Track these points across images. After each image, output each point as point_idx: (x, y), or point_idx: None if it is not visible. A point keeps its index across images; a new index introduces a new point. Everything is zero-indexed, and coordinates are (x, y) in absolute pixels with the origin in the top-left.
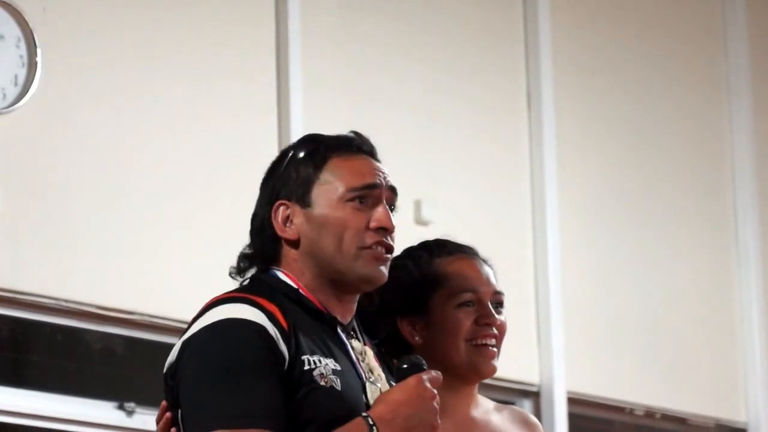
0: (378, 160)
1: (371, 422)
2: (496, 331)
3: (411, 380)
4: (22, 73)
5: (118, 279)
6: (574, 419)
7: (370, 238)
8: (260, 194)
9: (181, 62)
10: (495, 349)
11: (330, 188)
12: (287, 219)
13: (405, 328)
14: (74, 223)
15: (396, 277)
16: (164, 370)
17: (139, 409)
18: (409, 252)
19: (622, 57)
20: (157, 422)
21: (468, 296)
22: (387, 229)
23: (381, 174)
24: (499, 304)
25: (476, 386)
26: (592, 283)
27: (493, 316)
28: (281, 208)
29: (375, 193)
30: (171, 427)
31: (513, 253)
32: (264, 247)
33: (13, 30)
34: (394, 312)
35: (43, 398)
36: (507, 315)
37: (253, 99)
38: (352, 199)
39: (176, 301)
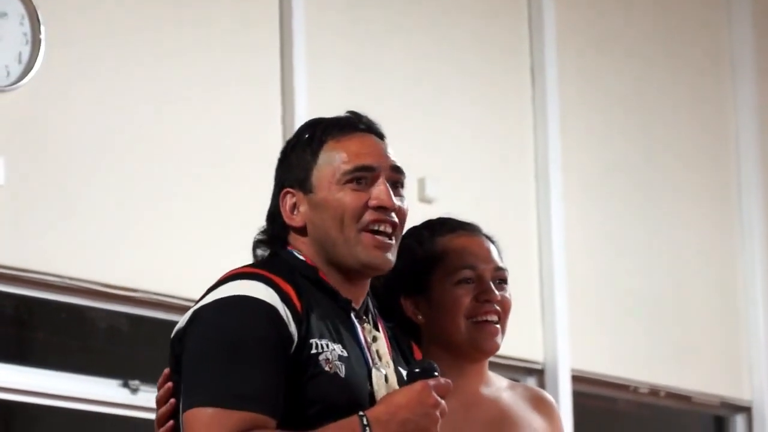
0: (380, 135)
1: (365, 422)
2: (497, 308)
3: (417, 385)
4: (26, 51)
5: (122, 257)
6: (578, 397)
7: (369, 216)
8: (274, 182)
9: (185, 39)
10: (497, 326)
11: (327, 172)
12: (294, 206)
13: (408, 307)
14: (78, 201)
15: (399, 257)
16: (172, 335)
17: (143, 387)
18: (411, 231)
19: (625, 31)
20: (158, 389)
21: (467, 273)
22: (386, 208)
23: (380, 153)
24: (502, 281)
25: (485, 364)
26: (597, 261)
27: (493, 292)
28: (287, 196)
29: (372, 174)
30: (171, 396)
31: (517, 230)
32: (275, 235)
33: (17, 7)
34: (397, 292)
35: (48, 376)
36: (511, 292)
37: (256, 74)
38: (349, 181)
39: (181, 279)
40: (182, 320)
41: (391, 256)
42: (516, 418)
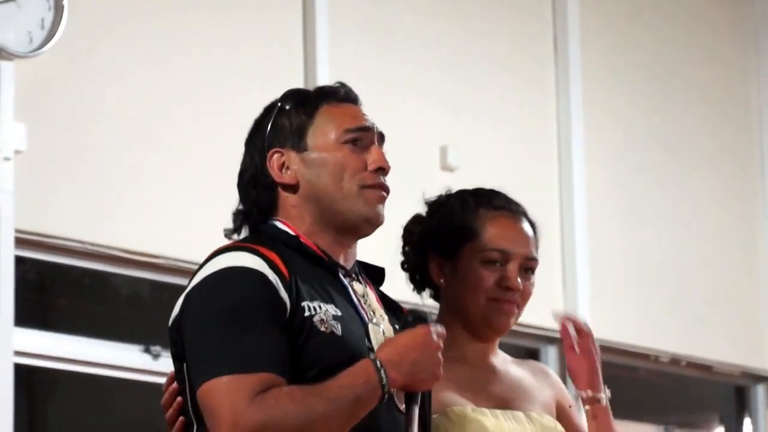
0: (362, 109)
1: (379, 365)
2: (516, 296)
3: (419, 329)
4: (49, 17)
5: (145, 223)
6: None
7: (369, 178)
8: (247, 150)
9: (209, 4)
10: (514, 309)
11: (325, 131)
12: (283, 165)
13: (434, 268)
14: (101, 167)
15: (441, 214)
16: (169, 325)
17: (164, 353)
18: (460, 194)
19: (648, 1)
20: (164, 392)
21: (495, 255)
22: (384, 170)
23: (370, 119)
24: (529, 269)
25: (496, 340)
26: (619, 231)
27: (515, 280)
28: (275, 156)
29: (368, 136)
30: (177, 395)
31: (539, 199)
32: (260, 198)
33: None
34: (428, 248)
35: (70, 341)
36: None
37: (279, 47)
38: (347, 141)
39: (202, 244)
40: (176, 306)
41: (383, 211)
42: (527, 391)
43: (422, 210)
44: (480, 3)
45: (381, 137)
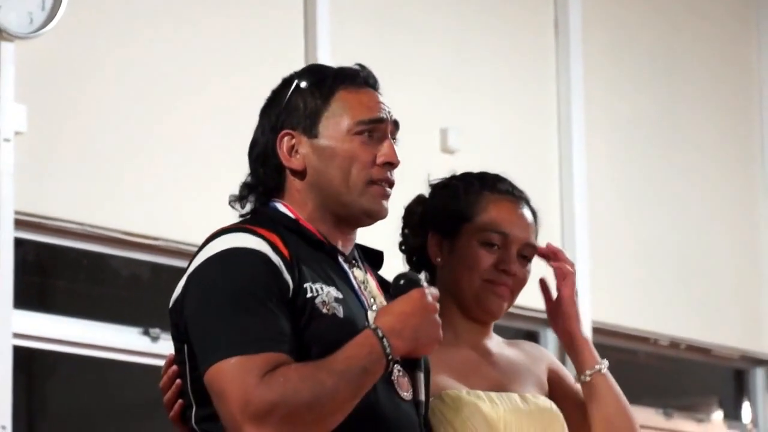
0: (380, 94)
1: (381, 334)
2: (511, 281)
3: (414, 293)
4: None
5: (144, 204)
6: (598, 349)
7: (377, 173)
8: (261, 121)
9: None
10: (508, 292)
11: (338, 120)
12: (292, 148)
13: (432, 246)
14: (100, 148)
15: (445, 194)
16: (170, 306)
17: (164, 335)
18: (464, 176)
19: None
20: (163, 375)
21: (494, 237)
22: (393, 164)
23: (386, 108)
24: (525, 257)
25: (490, 323)
26: (619, 213)
27: (511, 263)
28: (286, 137)
29: (382, 127)
30: (176, 378)
31: (539, 183)
32: (267, 178)
33: None
34: (428, 226)
35: (69, 323)
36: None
37: (280, 28)
38: (360, 132)
39: (202, 227)
40: (178, 288)
41: (387, 205)
42: (521, 372)
43: (424, 192)
44: None
45: (395, 126)
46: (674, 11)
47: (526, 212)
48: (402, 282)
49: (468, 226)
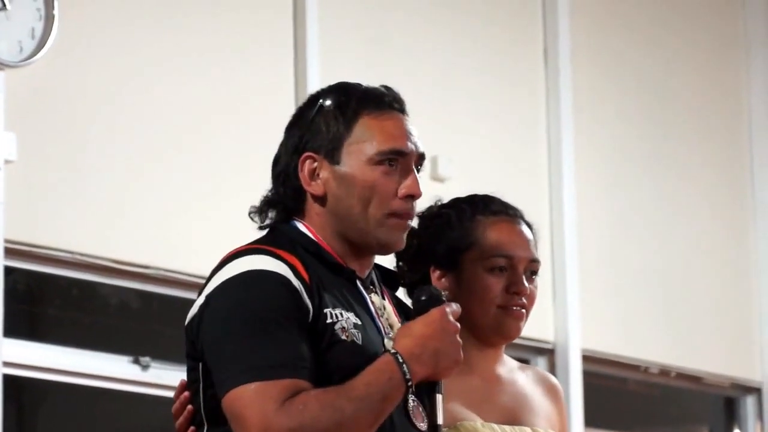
0: (407, 115)
1: (401, 360)
2: (524, 300)
3: (434, 313)
4: (39, 27)
5: (133, 233)
6: (588, 377)
7: (397, 206)
8: (285, 139)
9: (199, 12)
10: (523, 312)
11: (361, 147)
12: (314, 172)
13: (436, 281)
14: (90, 177)
15: (437, 226)
16: (185, 324)
17: (154, 364)
18: (454, 203)
19: (637, 5)
20: (175, 400)
21: (501, 261)
22: (415, 197)
23: (412, 138)
24: (533, 272)
25: (502, 346)
26: (608, 241)
27: (523, 284)
28: (308, 161)
29: (405, 158)
30: (188, 404)
31: (529, 210)
32: (287, 199)
33: None
34: (428, 260)
35: (58, 352)
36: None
37: (269, 52)
38: (381, 162)
39: (192, 255)
40: (195, 306)
41: (405, 237)
42: (533, 403)
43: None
44: (469, 13)
45: (420, 158)
46: (663, 41)
47: (525, 229)
48: (424, 298)
49: (469, 255)
